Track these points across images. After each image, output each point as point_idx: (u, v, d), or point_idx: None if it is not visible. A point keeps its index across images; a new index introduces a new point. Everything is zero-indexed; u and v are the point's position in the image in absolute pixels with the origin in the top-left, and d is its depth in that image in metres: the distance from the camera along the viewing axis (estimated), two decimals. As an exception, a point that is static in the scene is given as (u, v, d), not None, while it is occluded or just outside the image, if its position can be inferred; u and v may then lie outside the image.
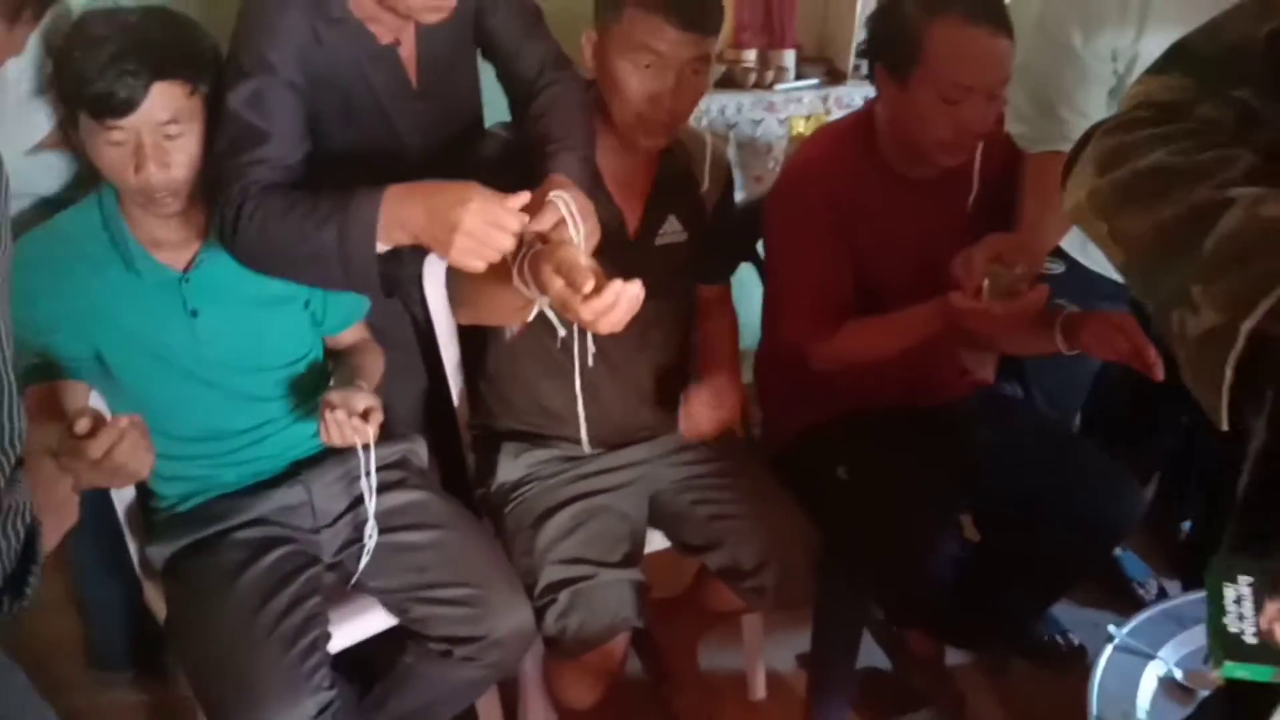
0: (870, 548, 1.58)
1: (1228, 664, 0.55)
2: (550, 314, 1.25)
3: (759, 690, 1.94)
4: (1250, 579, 0.57)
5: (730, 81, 2.44)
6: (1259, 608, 0.57)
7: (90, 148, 1.28)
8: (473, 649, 1.40)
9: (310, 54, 1.34)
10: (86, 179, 1.45)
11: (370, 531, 1.44)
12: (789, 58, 2.43)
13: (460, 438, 1.75)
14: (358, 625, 1.46)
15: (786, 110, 2.44)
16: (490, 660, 1.43)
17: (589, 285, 1.11)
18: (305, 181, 1.31)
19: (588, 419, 1.59)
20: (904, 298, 1.59)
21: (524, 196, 1.22)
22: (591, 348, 1.47)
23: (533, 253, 1.20)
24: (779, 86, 2.43)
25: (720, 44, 2.50)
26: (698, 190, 1.63)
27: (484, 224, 1.17)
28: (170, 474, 1.44)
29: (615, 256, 1.52)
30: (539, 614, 1.45)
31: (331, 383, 1.44)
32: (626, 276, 1.26)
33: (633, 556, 1.53)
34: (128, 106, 1.23)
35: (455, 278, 1.49)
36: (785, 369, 1.77)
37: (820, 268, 1.61)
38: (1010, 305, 1.43)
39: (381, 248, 1.23)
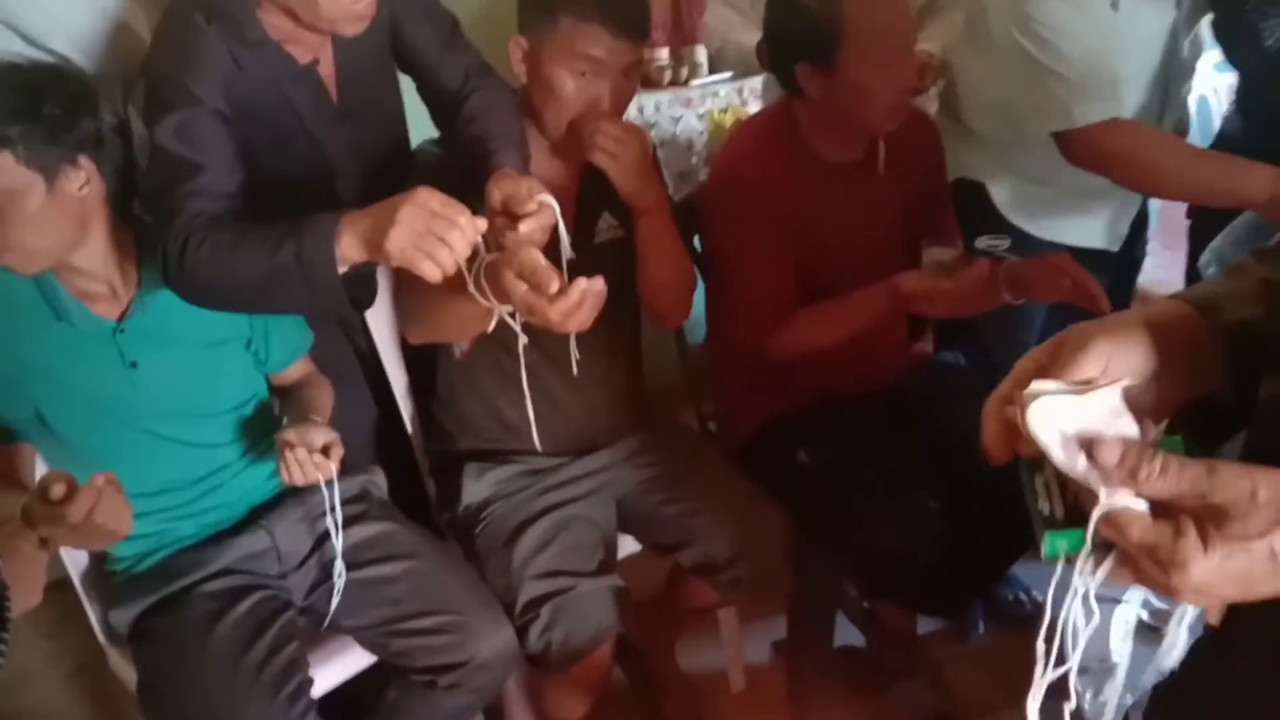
0: (841, 527, 1.60)
1: (1047, 534, 0.64)
2: (511, 321, 1.23)
3: (739, 682, 1.95)
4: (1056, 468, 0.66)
5: (646, 81, 2.45)
6: (1064, 488, 0.66)
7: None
8: (457, 675, 1.38)
9: (232, 80, 1.30)
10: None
11: (339, 570, 1.41)
12: (701, 53, 2.45)
13: (417, 465, 1.72)
14: (337, 667, 1.43)
15: (704, 105, 2.46)
16: (476, 685, 1.40)
17: (554, 286, 1.11)
18: (244, 211, 1.28)
19: (546, 428, 1.57)
20: (849, 278, 1.61)
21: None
22: (519, 353, 1.37)
23: (488, 260, 1.18)
24: (694, 82, 2.45)
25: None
26: None
27: (424, 212, 1.13)
28: None
29: (555, 260, 1.52)
30: (522, 632, 1.43)
31: (285, 421, 1.40)
32: (569, 279, 1.26)
33: (608, 564, 1.53)
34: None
35: (407, 295, 1.45)
36: (739, 363, 1.79)
37: (765, 265, 1.62)
38: (956, 283, 1.47)
39: (340, 267, 1.20)
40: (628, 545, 1.66)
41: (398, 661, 1.41)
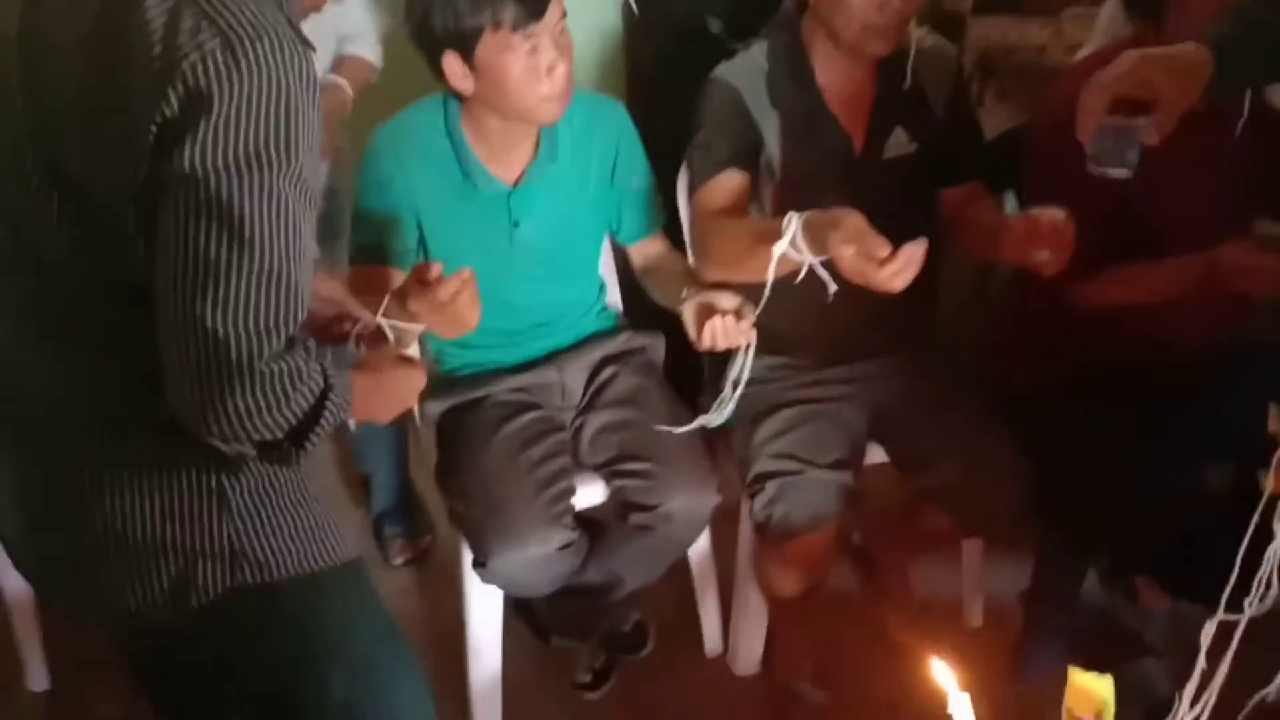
0: (1095, 493, 1.55)
1: None
2: (822, 271, 1.28)
3: (975, 618, 1.96)
4: None
5: (1013, 5, 2.35)
6: None
7: (494, 71, 1.39)
8: (647, 517, 1.55)
9: None
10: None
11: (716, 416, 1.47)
12: (1082, -21, 2.30)
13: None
14: (584, 494, 1.63)
15: (1075, 36, 2.31)
16: (662, 532, 1.57)
17: (883, 251, 1.17)
18: None
19: (818, 336, 1.66)
20: (1171, 238, 1.52)
21: None
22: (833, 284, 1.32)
23: (810, 219, 1.26)
24: (1068, 11, 2.31)
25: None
26: (922, 96, 1.62)
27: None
28: (459, 343, 1.62)
29: (842, 175, 1.57)
30: (749, 500, 1.57)
31: (684, 293, 1.49)
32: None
33: (844, 463, 1.59)
34: (542, 8, 1.37)
35: (705, 234, 1.51)
36: (1027, 304, 1.75)
37: (1081, 208, 1.56)
38: None
39: None
40: (879, 455, 1.72)
41: (616, 497, 1.61)
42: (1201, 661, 0.98)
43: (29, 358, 0.98)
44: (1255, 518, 1.13)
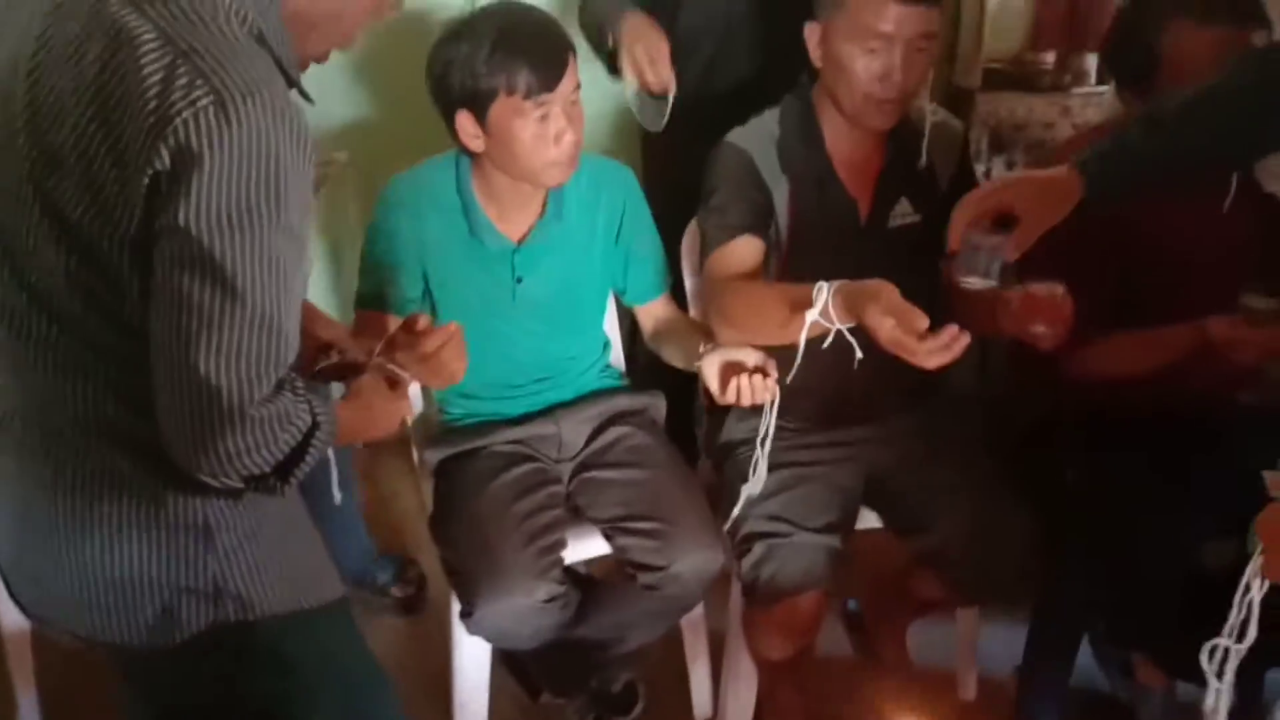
0: (1090, 561, 1.55)
1: None
2: (851, 338, 1.29)
3: (969, 690, 1.93)
4: None
5: (1023, 83, 2.40)
6: None
7: (504, 134, 1.44)
8: (654, 578, 1.55)
9: None
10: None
11: (754, 484, 1.51)
12: (1090, 60, 2.35)
13: (695, 398, 1.89)
14: (580, 548, 1.64)
15: (1082, 114, 2.36)
16: (669, 593, 1.57)
17: (924, 324, 1.17)
18: None
19: (815, 401, 1.65)
20: (1165, 308, 1.54)
21: None
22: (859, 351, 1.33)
23: (844, 289, 1.28)
24: (1076, 90, 2.36)
25: (1017, 46, 2.48)
26: (930, 168, 1.64)
27: None
28: (461, 393, 1.69)
29: (847, 241, 1.60)
30: (737, 559, 1.57)
31: (702, 349, 1.49)
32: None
33: (835, 526, 1.59)
34: (556, 79, 1.42)
35: (721, 297, 1.53)
36: (1026, 363, 1.76)
37: (1085, 276, 1.58)
38: (1268, 335, 1.37)
39: None
40: (873, 520, 1.71)
41: (619, 555, 1.62)
42: (1214, 682, 0.99)
43: (32, 380, 1.01)
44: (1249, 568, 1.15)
